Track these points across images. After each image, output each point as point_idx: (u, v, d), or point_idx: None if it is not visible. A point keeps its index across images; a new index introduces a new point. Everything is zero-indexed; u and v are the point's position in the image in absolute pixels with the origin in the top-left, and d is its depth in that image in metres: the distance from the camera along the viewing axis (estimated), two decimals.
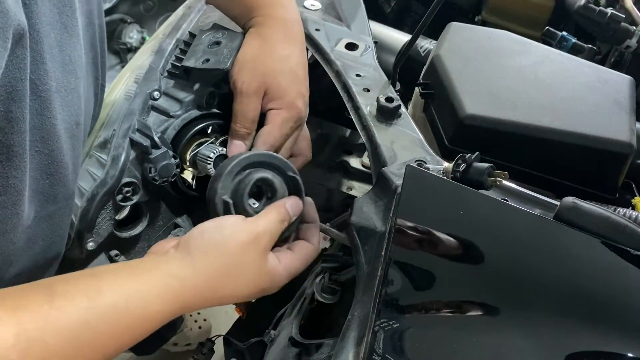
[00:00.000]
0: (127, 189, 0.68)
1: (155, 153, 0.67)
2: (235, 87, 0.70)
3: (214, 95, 0.74)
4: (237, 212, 0.62)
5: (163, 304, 0.52)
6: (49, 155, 0.51)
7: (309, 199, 0.69)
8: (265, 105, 0.71)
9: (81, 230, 0.65)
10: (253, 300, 0.62)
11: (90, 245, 0.66)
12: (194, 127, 0.72)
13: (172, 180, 0.70)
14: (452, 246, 0.57)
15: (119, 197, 0.68)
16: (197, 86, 0.74)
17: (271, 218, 0.60)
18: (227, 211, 0.62)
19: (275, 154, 0.67)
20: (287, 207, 0.62)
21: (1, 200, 0.47)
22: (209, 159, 0.70)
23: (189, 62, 0.73)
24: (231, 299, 0.58)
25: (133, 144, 0.68)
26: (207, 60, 0.72)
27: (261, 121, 0.72)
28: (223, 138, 0.74)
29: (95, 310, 0.47)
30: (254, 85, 0.69)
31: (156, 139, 0.67)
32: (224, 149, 0.71)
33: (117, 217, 0.70)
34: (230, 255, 0.56)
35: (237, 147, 0.70)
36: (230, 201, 0.62)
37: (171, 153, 0.69)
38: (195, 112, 0.73)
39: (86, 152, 0.69)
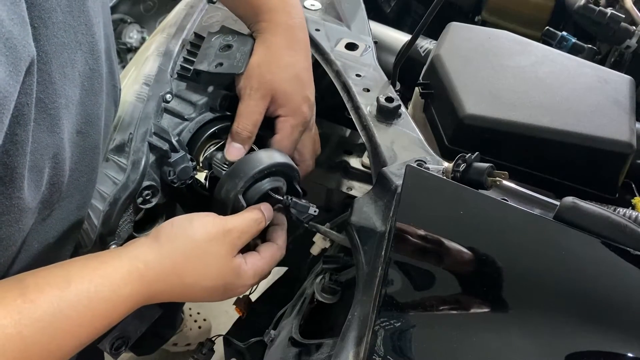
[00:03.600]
0: (147, 192, 0.69)
1: (174, 157, 0.68)
2: (242, 92, 0.71)
3: (226, 97, 0.74)
4: None
5: (130, 286, 0.54)
6: (55, 167, 0.52)
7: None
8: (272, 112, 0.73)
9: (104, 233, 0.66)
10: (222, 300, 0.64)
11: (113, 248, 0.67)
12: (208, 129, 0.73)
13: (189, 182, 0.71)
14: (451, 246, 0.57)
15: (139, 200, 0.68)
16: (210, 89, 0.74)
17: (245, 216, 0.64)
18: (236, 209, 0.66)
19: (291, 163, 0.70)
20: (262, 209, 0.66)
21: (5, 219, 0.48)
22: (225, 165, 0.71)
23: (202, 66, 0.73)
24: (196, 290, 0.60)
25: (152, 147, 0.69)
26: (221, 64, 0.72)
27: (265, 124, 0.73)
28: None
29: (67, 298, 0.50)
30: (260, 91, 0.71)
31: (174, 142, 0.68)
32: None
33: (135, 219, 0.71)
34: (195, 243, 0.59)
35: (236, 150, 0.71)
36: (245, 204, 0.66)
37: (189, 156, 0.70)
38: (209, 115, 0.73)
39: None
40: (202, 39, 0.78)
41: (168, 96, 0.74)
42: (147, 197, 0.69)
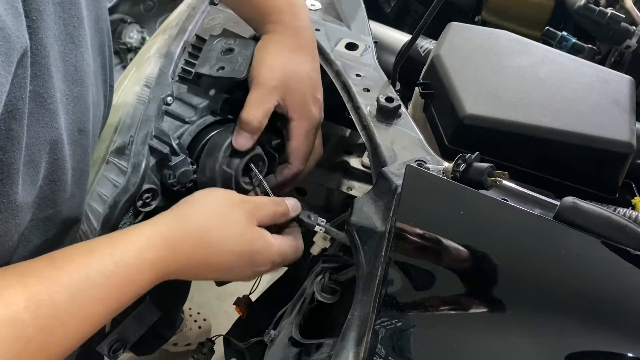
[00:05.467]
0: (147, 195, 0.69)
1: (175, 160, 0.68)
2: (253, 81, 0.70)
3: (228, 101, 0.74)
4: (236, 184, 0.68)
5: (154, 251, 0.54)
6: (53, 163, 0.52)
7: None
8: (283, 110, 0.72)
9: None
10: (248, 277, 0.64)
11: None
12: (209, 133, 0.73)
13: (190, 185, 0.71)
14: (451, 246, 0.57)
15: (139, 203, 0.68)
16: (211, 92, 0.74)
17: (264, 198, 0.66)
18: (226, 180, 0.68)
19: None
20: (285, 200, 0.66)
21: (2, 217, 0.48)
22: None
23: (204, 69, 0.73)
24: (222, 253, 0.59)
25: (152, 150, 0.69)
26: (222, 68, 0.72)
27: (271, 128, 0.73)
28: None
29: (93, 265, 0.51)
30: (274, 81, 0.70)
31: (175, 145, 0.68)
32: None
33: (135, 222, 0.71)
34: (215, 206, 0.60)
35: (244, 140, 0.70)
36: (232, 172, 0.68)
37: (189, 159, 0.70)
38: (210, 118, 0.73)
39: (102, 157, 0.70)
40: (203, 42, 0.78)
41: (169, 99, 0.74)
42: (147, 200, 0.69)
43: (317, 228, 0.71)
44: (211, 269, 0.60)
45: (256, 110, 0.69)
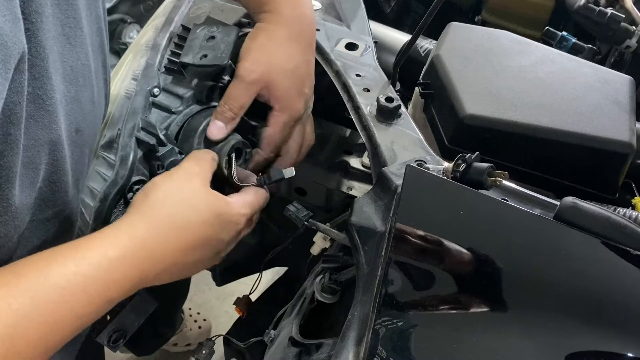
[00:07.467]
0: (137, 186, 0.69)
1: (162, 151, 0.68)
2: (235, 72, 0.71)
3: (213, 89, 0.74)
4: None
5: (120, 250, 0.53)
6: (53, 165, 0.52)
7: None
8: (266, 100, 0.72)
9: (96, 230, 0.66)
10: (231, 241, 0.64)
11: None
12: None
13: None
14: (451, 246, 0.57)
15: (130, 195, 0.69)
16: (195, 81, 0.74)
17: (201, 159, 0.65)
18: None
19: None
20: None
21: (2, 219, 0.48)
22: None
23: (187, 59, 0.73)
24: (192, 230, 0.58)
25: (139, 142, 0.69)
26: (205, 55, 0.72)
27: (257, 113, 0.73)
28: None
29: (54, 268, 0.48)
30: (255, 74, 0.70)
31: (161, 136, 0.68)
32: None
33: None
34: (164, 190, 0.59)
35: (217, 129, 0.70)
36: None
37: (177, 149, 0.70)
38: (196, 107, 0.73)
39: (93, 152, 0.70)
40: (189, 31, 0.78)
41: (156, 90, 0.74)
42: (137, 192, 0.69)
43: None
44: (189, 249, 0.58)
45: (233, 102, 0.70)
